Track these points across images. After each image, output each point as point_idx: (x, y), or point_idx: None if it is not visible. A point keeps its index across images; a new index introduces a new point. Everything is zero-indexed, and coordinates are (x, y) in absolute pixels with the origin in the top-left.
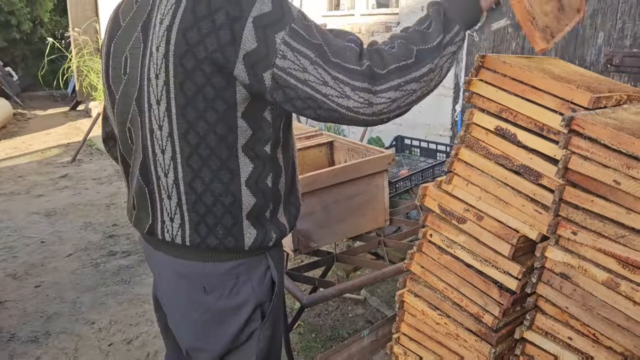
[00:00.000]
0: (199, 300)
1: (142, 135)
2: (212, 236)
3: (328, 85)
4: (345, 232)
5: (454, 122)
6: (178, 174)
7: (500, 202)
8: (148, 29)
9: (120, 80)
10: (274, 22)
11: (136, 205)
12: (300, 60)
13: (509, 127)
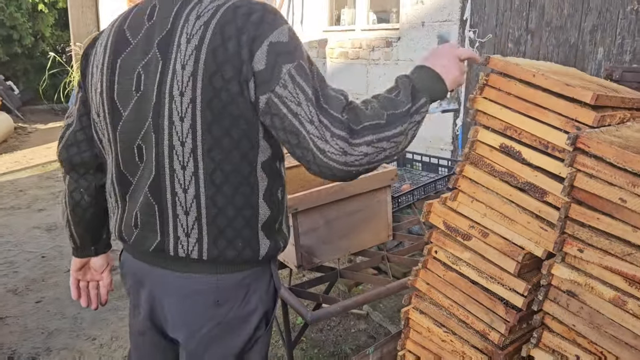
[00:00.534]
0: (211, 315)
1: (158, 152)
2: (230, 248)
3: (314, 124)
4: (348, 247)
5: (455, 136)
6: (200, 189)
7: (506, 219)
8: (168, 47)
9: (131, 97)
10: (285, 52)
11: (140, 224)
12: (298, 94)
13: (513, 144)
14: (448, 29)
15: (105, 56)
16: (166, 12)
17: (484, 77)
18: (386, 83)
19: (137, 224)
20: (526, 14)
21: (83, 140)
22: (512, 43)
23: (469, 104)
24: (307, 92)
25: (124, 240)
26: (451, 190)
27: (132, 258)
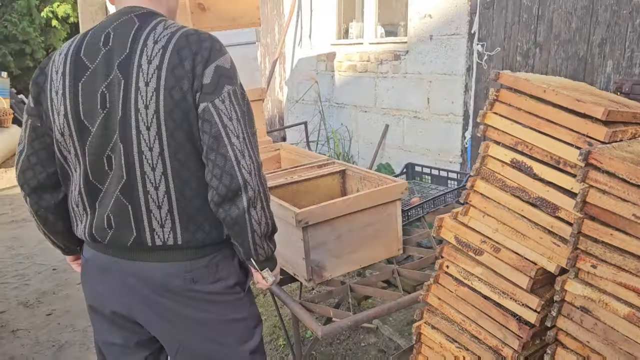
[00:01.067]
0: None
1: (128, 159)
2: (200, 231)
3: (239, 139)
4: (359, 261)
5: (464, 148)
6: (170, 185)
7: (518, 234)
8: (129, 67)
9: (97, 114)
10: (227, 76)
11: (114, 224)
12: (231, 111)
13: (524, 159)
14: (456, 42)
15: (65, 81)
16: (123, 38)
17: (494, 92)
18: (395, 96)
19: (110, 224)
20: (534, 27)
21: (37, 163)
22: (520, 56)
23: (479, 119)
24: (238, 113)
25: (97, 241)
26: (462, 205)
27: (103, 255)
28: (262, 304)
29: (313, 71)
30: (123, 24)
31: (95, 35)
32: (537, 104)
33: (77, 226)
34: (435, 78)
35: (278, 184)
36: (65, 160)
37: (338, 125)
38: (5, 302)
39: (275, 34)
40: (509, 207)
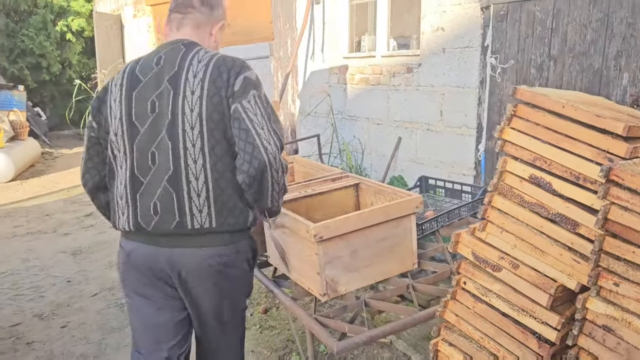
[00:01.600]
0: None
1: (174, 154)
2: (231, 216)
3: (264, 129)
4: (373, 276)
5: (478, 161)
6: (208, 176)
7: (537, 251)
8: (178, 81)
9: (147, 117)
10: (253, 84)
11: (160, 210)
12: (256, 109)
13: (543, 175)
14: (469, 55)
15: (122, 91)
16: (172, 59)
17: (511, 108)
18: (407, 108)
19: (156, 211)
20: (548, 40)
21: (92, 167)
22: (534, 69)
23: (496, 134)
24: (262, 111)
25: (142, 228)
26: (479, 220)
27: (146, 245)
28: (274, 317)
29: (325, 84)
30: (172, 50)
31: (149, 58)
32: (556, 119)
33: (119, 218)
34: (448, 91)
35: (292, 198)
36: (114, 158)
37: (350, 138)
38: (20, 314)
39: (288, 47)
40: (527, 223)
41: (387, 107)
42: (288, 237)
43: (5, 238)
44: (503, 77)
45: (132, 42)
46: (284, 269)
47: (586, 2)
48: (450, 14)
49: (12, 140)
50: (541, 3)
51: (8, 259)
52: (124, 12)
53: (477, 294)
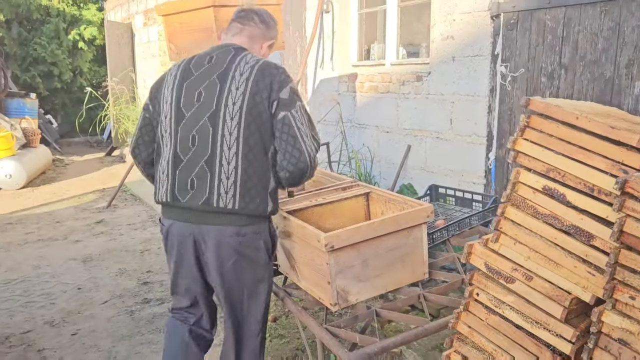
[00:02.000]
0: (237, 251)
1: (213, 139)
2: (252, 203)
3: (308, 137)
4: (385, 286)
5: (488, 170)
6: (238, 162)
7: (551, 263)
8: (225, 77)
9: (193, 105)
10: (298, 96)
11: (195, 186)
12: (302, 118)
13: (557, 186)
14: (479, 63)
15: (175, 81)
16: (222, 60)
17: (524, 118)
18: (417, 116)
19: (192, 186)
20: (559, 49)
21: (141, 144)
22: (545, 77)
23: (509, 145)
24: (307, 121)
25: (177, 200)
26: (491, 230)
27: (179, 222)
28: (284, 326)
29: (335, 92)
30: (223, 51)
31: (202, 56)
32: (570, 130)
33: (159, 190)
34: (457, 99)
35: (302, 207)
36: (162, 138)
37: (360, 146)
38: (31, 321)
39: (297, 55)
40: (541, 234)
41: (396, 115)
42: (298, 246)
43: (17, 245)
44: (513, 86)
45: (143, 50)
46: (294, 278)
47: (597, 11)
48: (460, 23)
49: (23, 148)
50: (552, 11)
51: (19, 266)
52: (134, 20)
53: (490, 305)
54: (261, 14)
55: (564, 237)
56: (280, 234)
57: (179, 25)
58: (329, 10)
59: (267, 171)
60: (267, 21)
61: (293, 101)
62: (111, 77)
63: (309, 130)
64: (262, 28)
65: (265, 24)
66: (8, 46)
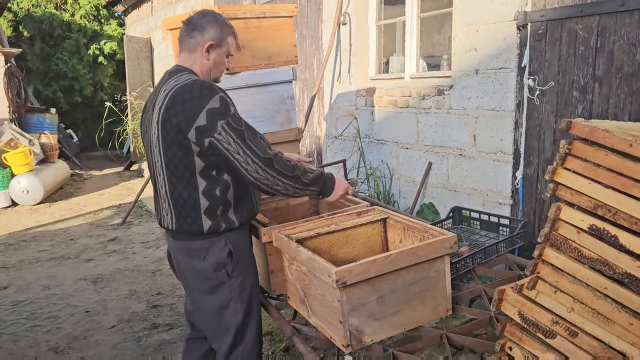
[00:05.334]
0: (186, 263)
1: (154, 167)
2: (185, 223)
3: (239, 154)
4: (403, 324)
5: (515, 189)
6: (167, 187)
7: (600, 317)
8: (154, 106)
9: (145, 134)
10: (219, 113)
11: (155, 206)
12: (228, 137)
13: (607, 226)
14: (505, 76)
15: (143, 114)
16: (157, 87)
17: (565, 145)
18: (438, 132)
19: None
20: (592, 60)
21: None
22: (577, 91)
23: (547, 176)
24: (234, 136)
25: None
26: (530, 277)
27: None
28: (297, 356)
29: (352, 106)
30: (163, 77)
31: (159, 82)
32: (622, 160)
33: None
34: (481, 114)
35: (314, 235)
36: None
37: (378, 163)
38: (35, 347)
39: (314, 69)
40: (587, 282)
41: (416, 130)
42: (308, 279)
43: (29, 264)
44: (542, 100)
45: (162, 65)
46: (304, 313)
47: (635, 19)
48: (484, 34)
49: (42, 163)
50: (584, 21)
51: (29, 286)
52: (154, 35)
53: None
54: (192, 20)
55: (615, 287)
56: (289, 263)
57: None
58: (346, 22)
59: (194, 191)
60: (199, 25)
61: (213, 124)
62: (130, 92)
63: (240, 145)
64: (196, 35)
65: (199, 29)
66: (31, 61)
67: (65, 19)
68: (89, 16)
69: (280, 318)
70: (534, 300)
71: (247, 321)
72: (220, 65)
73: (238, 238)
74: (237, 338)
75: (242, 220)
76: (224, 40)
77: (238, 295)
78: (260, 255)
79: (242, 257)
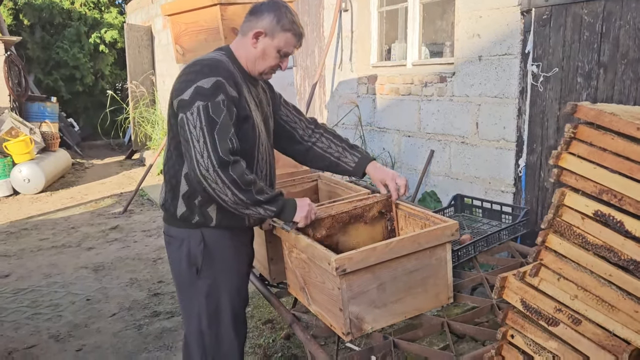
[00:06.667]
0: (167, 248)
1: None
2: (166, 202)
3: (199, 143)
4: (403, 312)
5: (518, 177)
6: (165, 160)
7: (604, 305)
8: None
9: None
10: (203, 94)
11: None
12: (197, 121)
13: (612, 212)
14: (508, 63)
15: None
16: None
17: (570, 128)
18: (440, 120)
19: None
20: (597, 46)
21: None
22: (581, 78)
23: (551, 161)
24: (203, 122)
25: None
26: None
27: None
28: (297, 344)
29: (354, 94)
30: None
31: None
32: (629, 143)
33: None
34: (484, 101)
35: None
36: None
37: (380, 151)
38: (36, 335)
39: (315, 56)
40: (592, 269)
41: (418, 118)
42: (308, 266)
43: (30, 252)
44: (546, 87)
45: (162, 53)
46: (304, 300)
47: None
48: (487, 19)
49: (43, 152)
50: (589, 5)
51: (30, 274)
52: (154, 23)
53: (528, 350)
54: (255, 5)
55: (620, 273)
56: (289, 250)
57: (184, 25)
58: (347, 9)
59: (179, 172)
60: (258, 10)
61: (192, 102)
62: (131, 80)
63: (205, 134)
64: (251, 19)
65: (256, 14)
66: (31, 50)
67: (65, 7)
68: (89, 4)
69: (280, 306)
70: (537, 288)
71: (214, 329)
72: (267, 58)
73: (216, 238)
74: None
75: (223, 223)
76: (278, 34)
77: (204, 299)
78: (260, 243)
79: (217, 258)
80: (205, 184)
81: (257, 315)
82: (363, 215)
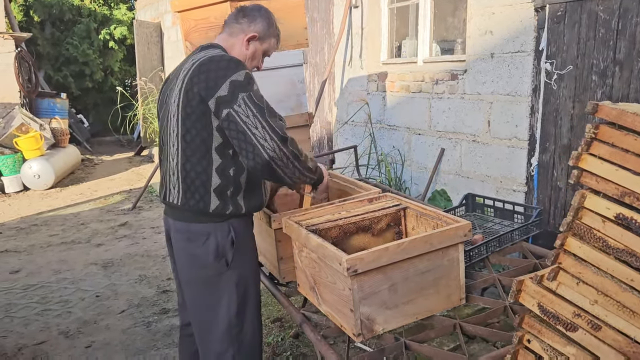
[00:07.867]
0: (185, 247)
1: (165, 137)
2: (192, 199)
3: (257, 129)
4: (415, 313)
5: (530, 176)
6: (179, 159)
7: (625, 310)
8: (178, 75)
9: (162, 107)
10: (241, 86)
11: (161, 181)
12: (247, 110)
13: (634, 215)
14: (521, 60)
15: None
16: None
17: (591, 129)
18: (451, 118)
19: (162, 182)
20: (613, 43)
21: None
22: (596, 75)
23: (571, 162)
24: (254, 110)
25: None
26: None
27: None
28: (306, 343)
29: (363, 91)
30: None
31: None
32: None
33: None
34: (496, 99)
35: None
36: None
37: (390, 149)
38: (46, 331)
39: (325, 53)
40: (612, 274)
41: (429, 116)
42: (319, 266)
43: (40, 248)
44: (560, 85)
45: (172, 49)
46: (314, 300)
47: None
48: (500, 16)
49: (52, 148)
50: (605, 2)
51: (40, 270)
52: (163, 19)
53: (545, 356)
54: (247, 9)
55: None
56: (299, 250)
57: (194, 22)
58: (357, 5)
59: (208, 167)
60: (251, 14)
61: (234, 96)
62: (140, 77)
63: (259, 120)
64: (243, 22)
65: (249, 17)
66: (41, 46)
67: (75, 4)
68: (99, 1)
69: (290, 305)
70: (555, 292)
71: (241, 318)
72: (255, 59)
73: (243, 226)
74: (232, 336)
75: (250, 208)
76: (268, 38)
77: (234, 287)
78: (269, 242)
79: (244, 247)
80: (273, 164)
81: (266, 314)
82: (371, 227)
